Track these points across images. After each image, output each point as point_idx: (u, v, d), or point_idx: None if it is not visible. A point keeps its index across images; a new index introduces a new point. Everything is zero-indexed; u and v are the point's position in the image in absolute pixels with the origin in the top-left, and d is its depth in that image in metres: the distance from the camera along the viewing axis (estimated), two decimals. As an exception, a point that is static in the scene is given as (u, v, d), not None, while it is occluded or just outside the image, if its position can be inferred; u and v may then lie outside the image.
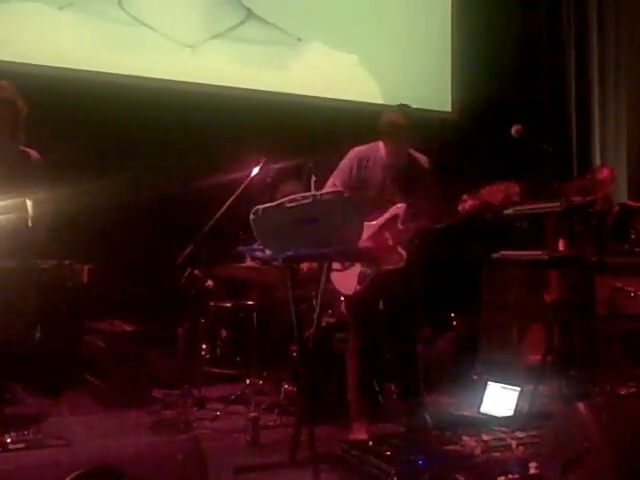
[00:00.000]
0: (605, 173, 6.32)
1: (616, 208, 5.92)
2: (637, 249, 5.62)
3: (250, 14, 6.14)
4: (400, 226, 4.03)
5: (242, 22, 6.11)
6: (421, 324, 4.96)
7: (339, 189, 3.79)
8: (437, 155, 4.48)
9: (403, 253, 4.01)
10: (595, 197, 6.07)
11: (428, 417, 4.30)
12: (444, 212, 4.03)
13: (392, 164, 4.15)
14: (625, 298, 5.31)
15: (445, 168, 4.77)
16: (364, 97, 6.61)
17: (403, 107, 4.20)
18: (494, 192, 3.92)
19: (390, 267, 4.00)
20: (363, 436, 4.04)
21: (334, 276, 4.21)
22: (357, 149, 4.24)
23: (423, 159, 4.27)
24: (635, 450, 2.66)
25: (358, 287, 4.10)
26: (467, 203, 3.94)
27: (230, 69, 6.17)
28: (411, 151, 4.24)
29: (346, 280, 4.13)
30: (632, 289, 5.32)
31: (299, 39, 6.32)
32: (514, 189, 3.93)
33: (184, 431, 4.13)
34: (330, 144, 5.41)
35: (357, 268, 4.10)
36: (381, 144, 4.18)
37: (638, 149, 7.50)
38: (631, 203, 6.12)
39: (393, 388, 4.85)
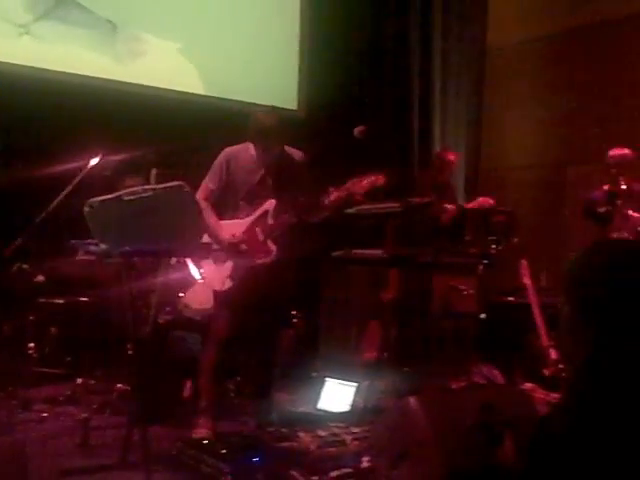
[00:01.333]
0: (451, 156, 6.65)
1: (453, 210, 6.15)
2: (470, 250, 5.86)
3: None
4: (270, 221, 4.07)
5: (57, 3, 5.81)
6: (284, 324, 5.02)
7: (179, 182, 3.71)
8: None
9: (273, 248, 4.06)
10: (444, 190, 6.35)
11: (275, 416, 4.34)
12: (314, 206, 4.08)
13: (263, 163, 4.16)
14: (458, 297, 5.54)
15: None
16: (205, 91, 6.52)
17: (270, 109, 4.22)
18: (359, 183, 4.00)
19: (260, 261, 4.05)
20: (208, 433, 4.01)
21: (206, 271, 4.23)
22: (227, 149, 4.25)
23: (297, 154, 4.29)
24: (461, 441, 2.74)
25: (229, 283, 4.09)
26: (332, 195, 4.00)
27: (63, 53, 5.88)
28: (285, 147, 4.26)
29: (217, 275, 4.13)
30: (464, 287, 5.56)
31: (112, 23, 6.05)
32: (379, 179, 4.02)
33: (6, 434, 3.91)
34: (172, 137, 5.32)
35: (229, 263, 4.10)
36: (251, 144, 4.19)
37: (474, 154, 7.84)
38: (467, 205, 6.38)
39: (231, 386, 4.82)
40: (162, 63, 6.37)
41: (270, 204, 4.09)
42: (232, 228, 4.10)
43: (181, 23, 6.47)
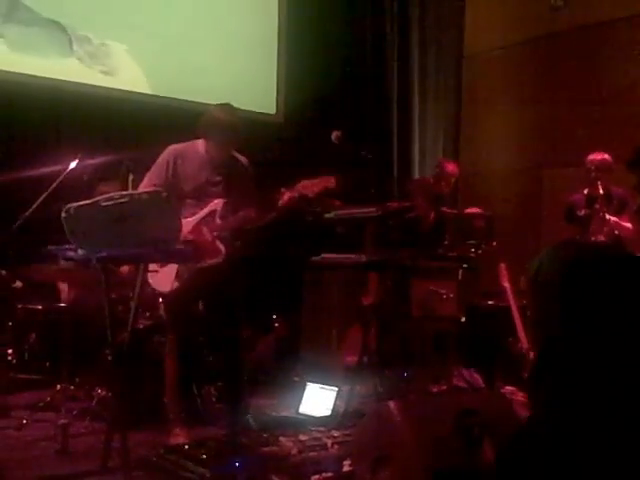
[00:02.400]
0: (451, 166, 6.60)
1: (433, 214, 6.16)
2: (450, 254, 5.88)
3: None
4: (218, 221, 4.02)
5: (11, 7, 5.77)
6: (243, 325, 4.97)
7: (157, 188, 3.70)
8: (260, 158, 4.49)
9: (221, 248, 4.01)
10: (444, 190, 6.35)
11: (251, 420, 4.31)
12: (264, 208, 4.05)
13: (212, 161, 4.10)
14: (438, 300, 5.55)
15: (268, 171, 4.80)
16: (182, 95, 6.51)
17: (227, 105, 4.13)
18: (310, 185, 4.00)
19: (208, 262, 3.98)
20: (183, 440, 3.97)
21: (151, 273, 4.12)
22: (173, 146, 4.15)
23: (243, 159, 4.26)
24: (441, 445, 2.75)
25: (176, 284, 4.04)
26: (285, 196, 3.99)
27: (31, 57, 5.85)
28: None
29: (163, 277, 4.06)
30: (444, 291, 5.57)
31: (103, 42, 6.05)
32: (330, 182, 4.02)
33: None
34: (149, 142, 5.28)
35: (174, 265, 4.03)
36: (200, 142, 4.13)
37: (453, 158, 7.87)
38: (446, 210, 6.39)
39: (213, 391, 4.81)
40: (139, 66, 6.35)
41: (217, 204, 4.04)
42: None
43: (157, 27, 6.46)
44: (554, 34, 7.33)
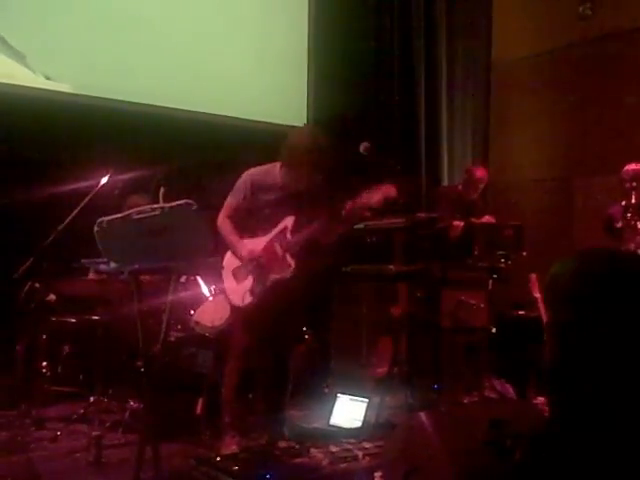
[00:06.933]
0: (480, 172, 6.55)
1: (461, 225, 6.14)
2: (479, 264, 5.86)
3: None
4: (289, 237, 4.10)
5: None
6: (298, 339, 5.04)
7: (187, 200, 3.74)
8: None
9: (291, 262, 4.09)
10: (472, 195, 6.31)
11: (287, 431, 4.35)
12: (333, 225, 4.11)
13: (289, 189, 4.15)
14: (468, 311, 5.53)
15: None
16: (214, 109, 6.55)
17: (311, 129, 4.30)
18: (372, 195, 4.03)
19: (277, 276, 4.08)
20: (235, 449, 4.04)
21: (227, 287, 4.26)
22: (251, 172, 4.22)
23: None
24: (472, 457, 2.74)
25: (249, 298, 4.13)
26: (348, 205, 4.02)
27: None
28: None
29: (238, 291, 4.18)
30: (474, 302, 5.55)
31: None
32: (391, 191, 4.05)
33: (19, 453, 3.93)
34: (180, 155, 5.34)
35: (250, 280, 4.14)
36: (277, 166, 4.18)
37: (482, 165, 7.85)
38: (475, 220, 6.37)
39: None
40: (169, 81, 6.41)
41: (289, 220, 4.13)
42: (253, 245, 4.15)
43: (189, 42, 6.53)
44: (582, 42, 7.30)
